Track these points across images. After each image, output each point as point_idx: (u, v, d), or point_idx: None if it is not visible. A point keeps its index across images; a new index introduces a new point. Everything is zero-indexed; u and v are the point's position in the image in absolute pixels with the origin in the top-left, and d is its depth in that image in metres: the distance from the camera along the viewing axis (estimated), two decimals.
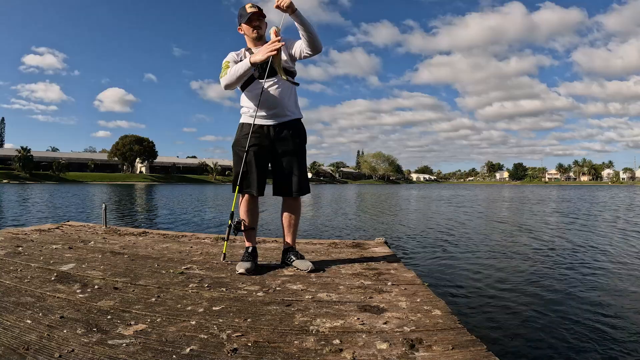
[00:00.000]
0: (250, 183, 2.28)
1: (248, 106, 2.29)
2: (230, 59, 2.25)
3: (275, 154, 2.31)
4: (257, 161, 2.26)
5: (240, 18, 2.24)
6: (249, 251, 2.32)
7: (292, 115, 2.31)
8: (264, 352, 1.24)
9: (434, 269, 4.53)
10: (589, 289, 3.68)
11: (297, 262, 2.29)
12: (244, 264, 2.21)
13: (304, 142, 2.39)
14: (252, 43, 2.29)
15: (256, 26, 2.23)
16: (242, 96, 2.33)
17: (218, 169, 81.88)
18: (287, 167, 2.31)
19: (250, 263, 2.22)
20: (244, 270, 2.15)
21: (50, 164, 64.13)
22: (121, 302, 1.65)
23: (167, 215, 11.31)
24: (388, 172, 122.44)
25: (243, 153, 2.25)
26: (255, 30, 2.24)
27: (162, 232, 3.69)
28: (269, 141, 2.27)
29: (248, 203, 2.33)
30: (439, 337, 1.35)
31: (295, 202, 2.40)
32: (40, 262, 2.31)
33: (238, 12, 2.29)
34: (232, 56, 2.28)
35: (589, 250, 5.71)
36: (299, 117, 2.36)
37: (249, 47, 2.31)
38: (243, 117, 2.33)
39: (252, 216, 2.35)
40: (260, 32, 2.25)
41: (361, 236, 7.40)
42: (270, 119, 2.26)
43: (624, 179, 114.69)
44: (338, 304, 1.69)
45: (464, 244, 6.31)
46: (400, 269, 2.31)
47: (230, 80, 2.13)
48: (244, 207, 2.35)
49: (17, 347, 1.21)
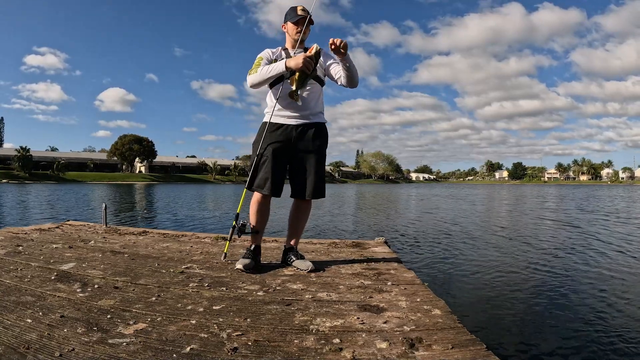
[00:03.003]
0: (262, 182, 2.22)
1: (273, 105, 2.26)
2: (265, 56, 2.25)
3: (294, 154, 2.27)
4: (275, 159, 2.21)
5: (288, 17, 2.25)
6: (251, 249, 2.29)
7: (317, 118, 2.31)
8: (264, 351, 1.24)
9: (433, 269, 4.54)
10: (589, 289, 3.68)
11: (297, 262, 2.27)
12: (243, 260, 2.20)
13: (324, 145, 2.35)
14: (291, 44, 2.29)
15: (300, 31, 2.24)
16: (269, 95, 2.34)
17: (217, 168, 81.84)
18: (304, 168, 2.27)
19: (250, 260, 2.20)
20: (242, 266, 2.14)
21: (50, 163, 64.06)
22: (121, 302, 1.65)
23: (167, 215, 11.31)
24: (387, 172, 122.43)
25: (262, 150, 2.23)
26: (298, 34, 2.25)
27: (162, 232, 3.69)
28: (290, 140, 2.24)
29: (258, 203, 2.27)
30: (438, 336, 1.36)
31: (306, 205, 2.36)
32: (40, 262, 2.31)
33: (287, 11, 2.29)
34: (267, 53, 2.27)
35: (589, 250, 5.72)
36: (323, 122, 2.36)
37: (286, 47, 2.32)
38: (267, 116, 2.30)
39: (260, 217, 2.30)
40: (303, 36, 2.26)
41: (361, 236, 7.41)
42: (295, 119, 2.25)
43: (623, 179, 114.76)
44: (338, 304, 1.69)
45: (464, 244, 6.31)
46: (400, 269, 2.32)
47: (260, 79, 2.14)
48: (253, 206, 2.29)
49: (17, 346, 1.21)
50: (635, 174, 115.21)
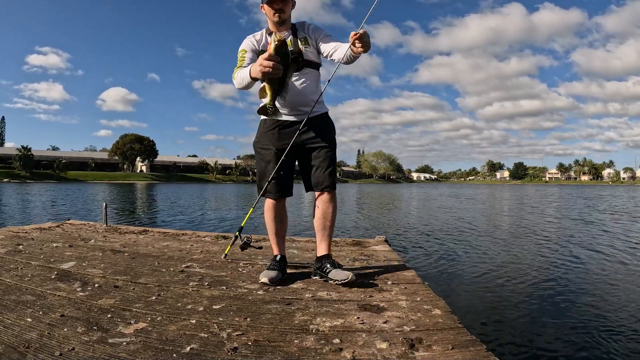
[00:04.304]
0: (271, 187, 2.04)
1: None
2: (248, 48, 1.99)
3: (301, 149, 2.07)
4: (279, 160, 2.02)
5: None
6: (277, 259, 2.07)
7: (319, 110, 2.10)
8: (264, 351, 1.24)
9: (434, 268, 4.53)
10: (591, 290, 3.67)
11: (334, 272, 1.93)
12: (268, 272, 1.97)
13: (333, 134, 2.14)
14: (273, 26, 2.01)
15: (278, 9, 1.93)
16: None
17: (219, 167, 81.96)
18: (317, 160, 2.05)
19: (277, 272, 1.98)
20: (267, 279, 1.92)
21: (51, 163, 64.17)
22: (121, 301, 1.65)
23: (168, 214, 11.32)
24: (388, 172, 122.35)
25: (265, 151, 2.07)
26: (277, 14, 1.94)
27: (162, 231, 3.69)
28: (294, 137, 2.02)
29: (273, 209, 2.09)
30: (438, 336, 1.35)
31: (330, 198, 2.07)
32: (40, 261, 2.31)
33: None
34: (248, 43, 2.01)
35: (591, 251, 5.71)
36: (325, 111, 2.15)
37: (270, 30, 2.03)
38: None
39: (279, 223, 2.11)
40: (283, 15, 1.95)
41: (361, 234, 7.41)
42: (295, 115, 2.05)
43: (625, 179, 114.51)
44: (338, 303, 1.69)
45: (465, 243, 6.30)
46: (401, 268, 2.31)
47: (240, 86, 1.91)
48: (268, 214, 2.09)
49: (17, 346, 1.21)
50: (636, 174, 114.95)
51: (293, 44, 1.97)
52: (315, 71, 2.07)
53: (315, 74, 2.08)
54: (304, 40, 2.03)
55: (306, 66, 2.01)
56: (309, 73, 2.03)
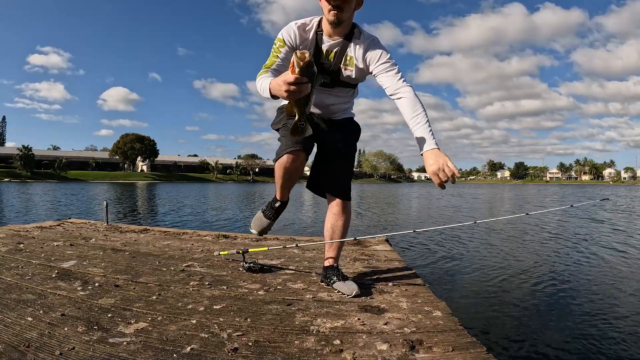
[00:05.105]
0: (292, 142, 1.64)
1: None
2: (286, 40, 1.65)
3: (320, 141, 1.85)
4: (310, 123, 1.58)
5: None
6: (275, 206, 1.88)
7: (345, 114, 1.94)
8: (264, 351, 1.24)
9: (435, 269, 4.53)
10: (592, 292, 3.66)
11: (338, 284, 1.84)
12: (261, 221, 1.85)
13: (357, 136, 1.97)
14: (327, 26, 1.66)
15: (336, 6, 1.55)
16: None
17: (219, 167, 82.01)
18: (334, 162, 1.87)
19: (269, 223, 1.85)
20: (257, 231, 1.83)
21: (52, 162, 64.25)
22: (122, 300, 1.65)
23: (168, 213, 11.33)
24: (389, 171, 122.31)
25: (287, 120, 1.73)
26: (334, 12, 1.57)
27: (163, 230, 3.69)
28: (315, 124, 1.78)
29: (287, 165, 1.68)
30: (439, 338, 1.35)
31: (342, 210, 1.94)
32: (41, 259, 2.31)
33: None
34: (288, 36, 1.65)
35: (592, 252, 5.70)
36: (351, 117, 1.97)
37: (321, 28, 1.68)
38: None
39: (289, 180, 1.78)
40: (341, 16, 1.58)
41: (362, 234, 7.39)
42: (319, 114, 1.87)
43: (625, 178, 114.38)
44: (339, 304, 1.69)
45: (467, 244, 6.30)
46: (402, 268, 2.31)
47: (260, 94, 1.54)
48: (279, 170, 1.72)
49: (18, 345, 1.21)
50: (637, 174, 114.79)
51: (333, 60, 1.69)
52: (350, 89, 1.84)
53: (349, 91, 1.85)
54: (348, 60, 1.71)
55: (339, 85, 1.78)
56: (342, 91, 1.82)
